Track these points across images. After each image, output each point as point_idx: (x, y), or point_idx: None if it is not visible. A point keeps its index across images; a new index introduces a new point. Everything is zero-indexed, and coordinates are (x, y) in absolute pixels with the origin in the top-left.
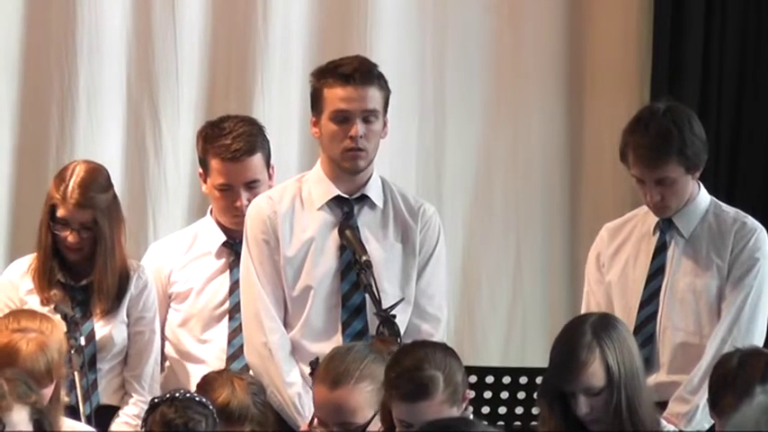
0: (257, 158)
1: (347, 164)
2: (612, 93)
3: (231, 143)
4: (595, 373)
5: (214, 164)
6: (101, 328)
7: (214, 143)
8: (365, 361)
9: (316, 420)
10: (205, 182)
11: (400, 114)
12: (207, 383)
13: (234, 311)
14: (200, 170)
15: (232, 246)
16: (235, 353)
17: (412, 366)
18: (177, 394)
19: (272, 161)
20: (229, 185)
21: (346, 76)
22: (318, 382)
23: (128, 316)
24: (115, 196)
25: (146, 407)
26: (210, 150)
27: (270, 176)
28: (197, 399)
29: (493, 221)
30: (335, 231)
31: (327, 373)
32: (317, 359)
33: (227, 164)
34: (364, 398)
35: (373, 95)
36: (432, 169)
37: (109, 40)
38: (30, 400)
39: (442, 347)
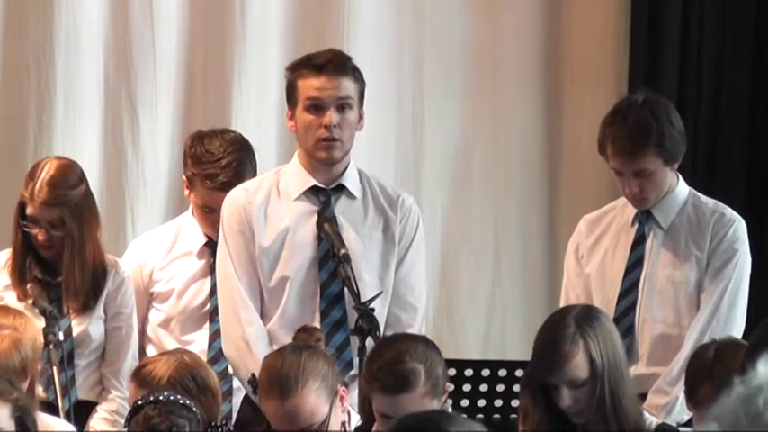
0: None
1: (322, 154)
2: (590, 84)
3: (219, 174)
4: (579, 365)
5: (200, 187)
6: (78, 324)
7: (202, 169)
8: (302, 361)
9: None
10: (188, 188)
11: (379, 107)
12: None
13: (214, 314)
14: (185, 178)
15: (213, 247)
16: (215, 355)
17: (393, 359)
18: (161, 396)
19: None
20: (213, 209)
21: (319, 66)
22: (266, 398)
23: (105, 312)
24: (87, 193)
25: (124, 402)
26: (198, 174)
27: None
28: (181, 401)
29: (471, 214)
30: (312, 221)
31: (271, 386)
32: (254, 376)
33: (214, 192)
34: (316, 396)
35: (347, 85)
36: (410, 162)
37: (86, 35)
38: (11, 397)
39: (423, 340)
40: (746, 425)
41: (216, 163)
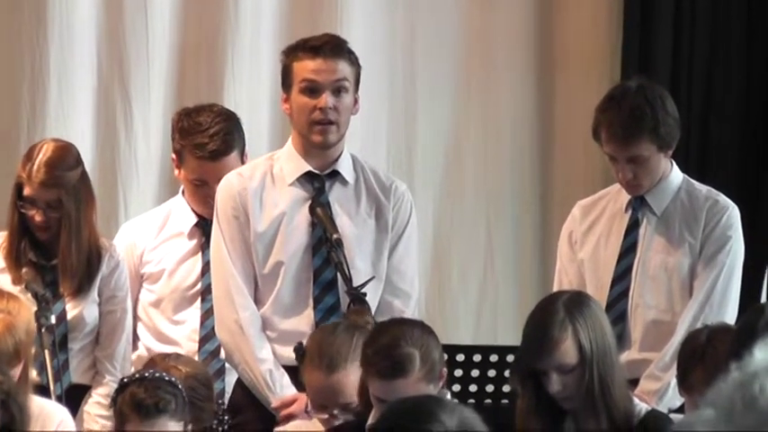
0: (233, 157)
1: (317, 137)
2: (583, 72)
3: (208, 142)
4: (568, 351)
5: (189, 159)
6: (72, 308)
7: (190, 139)
8: (354, 339)
9: (310, 404)
10: (178, 167)
11: (371, 94)
12: (149, 367)
13: (206, 293)
14: (174, 156)
15: (204, 227)
16: (207, 334)
17: (389, 344)
18: (147, 374)
19: (246, 149)
20: (204, 181)
21: (315, 48)
22: (313, 369)
23: (99, 295)
24: (84, 175)
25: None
26: (186, 146)
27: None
28: (167, 378)
29: (464, 200)
30: (306, 207)
31: (321, 358)
32: (301, 344)
33: (203, 162)
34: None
35: (343, 68)
36: (402, 149)
37: (79, 20)
38: None
39: (420, 325)
40: (742, 410)
41: (204, 132)
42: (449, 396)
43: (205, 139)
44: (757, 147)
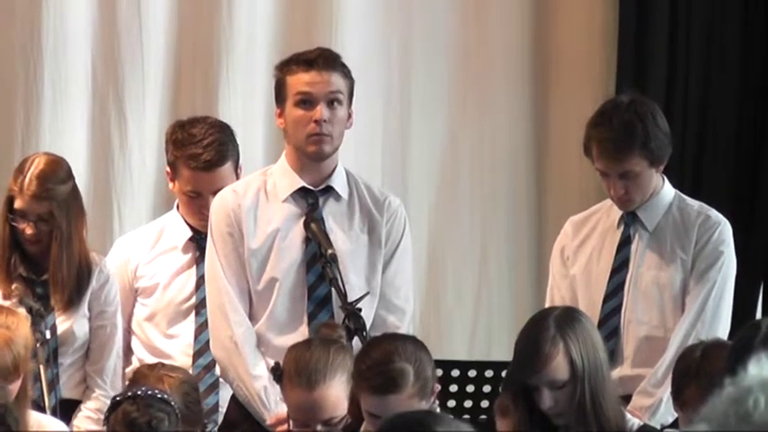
0: (227, 167)
1: (312, 148)
2: (578, 85)
3: (202, 153)
4: (559, 367)
5: (183, 171)
6: (62, 322)
7: (184, 151)
8: (330, 353)
9: (292, 423)
10: (172, 180)
11: (366, 107)
12: (138, 379)
13: (200, 307)
14: (168, 169)
15: (198, 241)
16: (201, 348)
17: (382, 359)
18: (139, 392)
19: (240, 162)
20: (198, 193)
21: (309, 61)
22: (293, 387)
23: (89, 310)
24: (75, 189)
25: (108, 401)
26: (180, 157)
27: (238, 177)
28: (159, 396)
29: (459, 214)
30: (300, 223)
31: (299, 376)
32: (278, 364)
33: (198, 173)
34: (342, 389)
35: (336, 80)
36: (398, 162)
37: (74, 33)
38: None
39: (413, 340)
40: (735, 425)
41: (198, 143)
42: (438, 409)
43: (199, 149)
44: (753, 162)
